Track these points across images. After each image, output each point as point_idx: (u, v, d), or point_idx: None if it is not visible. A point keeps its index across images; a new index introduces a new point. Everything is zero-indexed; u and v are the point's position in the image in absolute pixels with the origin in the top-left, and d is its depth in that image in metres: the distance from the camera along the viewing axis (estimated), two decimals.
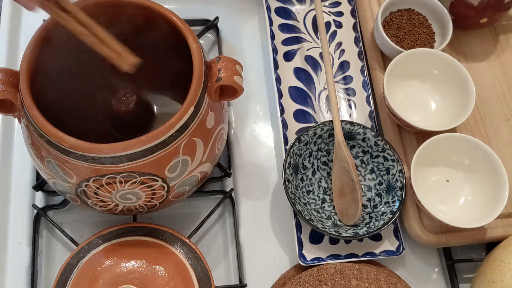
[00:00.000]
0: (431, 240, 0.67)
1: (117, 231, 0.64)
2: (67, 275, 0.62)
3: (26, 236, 0.69)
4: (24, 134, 0.60)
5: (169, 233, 0.64)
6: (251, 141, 0.77)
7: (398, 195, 0.68)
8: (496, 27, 0.80)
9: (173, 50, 0.65)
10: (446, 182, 0.69)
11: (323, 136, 0.71)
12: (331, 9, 0.84)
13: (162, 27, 0.61)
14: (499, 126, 0.74)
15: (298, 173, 0.70)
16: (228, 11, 0.84)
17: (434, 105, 0.73)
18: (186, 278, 0.62)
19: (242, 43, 0.82)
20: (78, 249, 0.63)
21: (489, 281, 0.61)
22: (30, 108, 0.54)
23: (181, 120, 0.55)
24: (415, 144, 0.71)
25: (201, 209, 0.72)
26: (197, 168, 0.60)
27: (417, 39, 0.75)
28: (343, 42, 0.81)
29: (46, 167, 0.57)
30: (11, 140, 0.74)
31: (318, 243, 0.69)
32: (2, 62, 0.77)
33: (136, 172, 0.55)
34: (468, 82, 0.70)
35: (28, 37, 0.58)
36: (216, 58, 0.59)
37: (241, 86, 0.59)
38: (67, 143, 0.53)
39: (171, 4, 0.81)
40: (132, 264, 0.63)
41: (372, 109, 0.76)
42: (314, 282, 0.64)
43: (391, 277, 0.66)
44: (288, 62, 0.79)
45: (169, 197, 0.61)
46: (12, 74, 0.56)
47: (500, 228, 0.68)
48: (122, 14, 0.62)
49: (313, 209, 0.69)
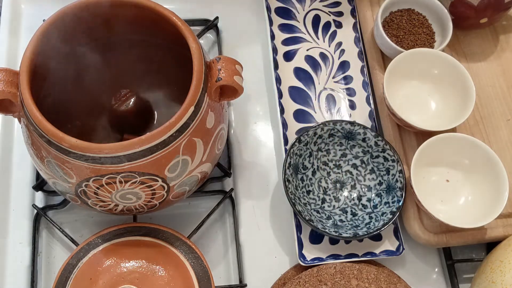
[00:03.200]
0: (431, 240, 0.67)
1: (117, 231, 0.64)
2: (67, 275, 0.62)
3: (26, 236, 0.69)
4: (24, 134, 0.60)
5: (169, 233, 0.64)
6: (251, 141, 0.76)
7: (398, 195, 0.68)
8: (496, 27, 0.80)
9: (173, 50, 0.65)
10: (446, 182, 0.69)
11: (323, 136, 0.71)
12: (331, 9, 0.84)
13: (162, 27, 0.61)
14: (499, 126, 0.74)
15: (298, 173, 0.70)
16: (228, 11, 0.84)
17: (434, 105, 0.73)
18: (186, 278, 0.62)
19: (242, 43, 0.82)
20: (78, 249, 0.63)
21: (489, 281, 0.61)
22: (30, 108, 0.54)
23: (181, 120, 0.55)
24: (415, 144, 0.71)
25: (201, 209, 0.72)
26: (197, 168, 0.60)
27: (417, 39, 0.75)
28: (343, 42, 0.81)
29: (46, 167, 0.57)
30: (11, 140, 0.74)
31: (318, 243, 0.69)
32: (2, 62, 0.77)
33: (136, 172, 0.55)
34: (468, 82, 0.70)
35: (28, 37, 0.58)
36: (216, 58, 0.59)
37: (241, 86, 0.59)
38: (67, 143, 0.53)
39: (171, 4, 0.81)
40: (132, 264, 0.63)
41: (372, 109, 0.76)
42: (314, 282, 0.64)
43: (391, 277, 0.66)
44: (288, 62, 0.79)
45: (169, 197, 0.61)
46: (12, 74, 0.56)
47: (500, 228, 0.68)
48: (122, 14, 0.61)
49: (313, 209, 0.69)
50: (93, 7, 0.60)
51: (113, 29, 0.64)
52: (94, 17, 0.61)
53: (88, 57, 0.66)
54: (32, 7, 0.82)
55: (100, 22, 0.62)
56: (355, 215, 0.70)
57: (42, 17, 0.78)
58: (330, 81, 0.78)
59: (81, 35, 0.62)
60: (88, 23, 0.61)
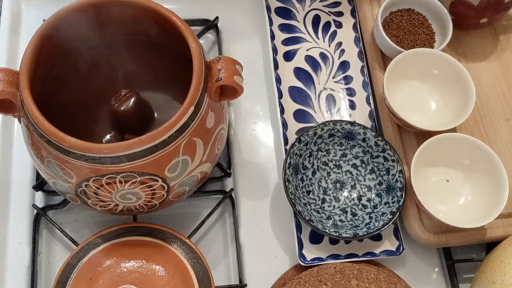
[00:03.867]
0: (431, 240, 0.67)
1: (117, 231, 0.64)
2: (67, 275, 0.62)
3: (26, 236, 0.69)
4: (24, 134, 0.60)
5: (169, 233, 0.64)
6: (251, 141, 0.76)
7: (398, 195, 0.68)
8: (496, 27, 0.80)
9: (173, 50, 0.65)
10: (446, 182, 0.69)
11: (323, 136, 0.71)
12: (331, 9, 0.84)
13: (162, 27, 0.61)
14: (499, 126, 0.74)
15: (298, 173, 0.70)
16: (228, 11, 0.84)
17: (434, 105, 0.73)
18: (186, 278, 0.62)
19: (242, 43, 0.82)
20: (78, 249, 0.63)
21: (489, 281, 0.61)
22: (30, 108, 0.54)
23: (181, 120, 0.55)
24: (415, 144, 0.71)
25: (201, 209, 0.72)
26: (197, 168, 0.60)
27: (417, 39, 0.75)
28: (343, 42, 0.81)
29: (46, 167, 0.57)
30: (11, 140, 0.74)
31: (318, 243, 0.69)
32: (2, 62, 0.77)
33: (136, 172, 0.55)
34: (468, 82, 0.70)
35: (28, 37, 0.58)
36: (216, 58, 0.59)
37: (241, 86, 0.59)
38: (67, 143, 0.53)
39: (171, 4, 0.81)
40: (132, 264, 0.63)
41: (372, 109, 0.76)
42: (314, 282, 0.64)
43: (391, 277, 0.66)
44: (288, 62, 0.79)
45: (169, 197, 0.61)
46: (12, 74, 0.56)
47: (500, 228, 0.68)
48: (122, 14, 0.61)
49: (313, 209, 0.69)
50: (93, 7, 0.60)
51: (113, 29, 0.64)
52: (94, 17, 0.61)
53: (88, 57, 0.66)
54: (32, 7, 0.82)
55: (100, 22, 0.62)
56: (355, 215, 0.70)
57: (42, 17, 0.78)
58: (330, 81, 0.78)
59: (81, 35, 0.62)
60: (88, 23, 0.61)
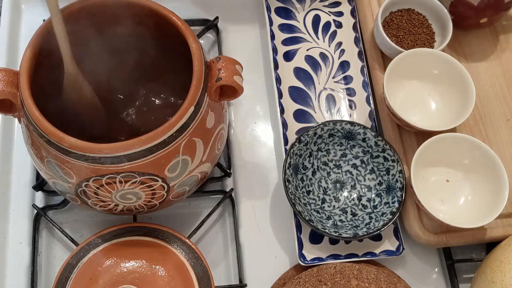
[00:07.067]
0: (431, 240, 0.67)
1: (117, 231, 0.64)
2: (67, 275, 0.62)
3: (26, 236, 0.69)
4: (24, 134, 0.60)
5: (169, 233, 0.64)
6: (251, 141, 0.76)
7: (398, 195, 0.68)
8: (496, 27, 0.80)
9: (173, 50, 0.65)
10: (446, 182, 0.69)
11: (323, 136, 0.71)
12: (331, 9, 0.84)
13: (162, 27, 0.61)
14: (499, 126, 0.74)
15: (298, 173, 0.70)
16: (228, 11, 0.84)
17: (434, 105, 0.73)
18: (186, 278, 0.62)
19: (242, 43, 0.82)
20: (78, 249, 0.63)
21: (489, 281, 0.61)
22: (30, 108, 0.54)
23: (181, 120, 0.55)
24: (415, 144, 0.71)
25: (201, 209, 0.72)
26: (197, 168, 0.60)
27: (417, 39, 0.75)
28: (343, 42, 0.81)
29: (46, 167, 0.57)
30: (11, 140, 0.74)
31: (318, 243, 0.69)
32: (2, 62, 0.77)
33: (136, 172, 0.55)
34: (468, 82, 0.70)
35: (28, 37, 0.58)
36: (216, 58, 0.59)
37: (241, 86, 0.59)
38: (67, 143, 0.53)
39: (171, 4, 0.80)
40: (132, 264, 0.63)
41: (372, 109, 0.76)
42: (314, 282, 0.64)
43: (391, 277, 0.65)
44: (288, 62, 0.79)
45: (169, 197, 0.61)
46: (12, 74, 0.56)
47: (500, 228, 0.68)
48: (122, 14, 0.61)
49: (313, 210, 0.69)
50: (93, 7, 0.60)
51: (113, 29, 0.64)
52: (94, 17, 0.61)
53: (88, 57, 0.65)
54: (32, 7, 0.82)
55: (100, 22, 0.62)
56: (355, 215, 0.70)
57: (42, 17, 0.79)
58: (330, 81, 0.78)
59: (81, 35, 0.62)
60: (88, 23, 0.61)
